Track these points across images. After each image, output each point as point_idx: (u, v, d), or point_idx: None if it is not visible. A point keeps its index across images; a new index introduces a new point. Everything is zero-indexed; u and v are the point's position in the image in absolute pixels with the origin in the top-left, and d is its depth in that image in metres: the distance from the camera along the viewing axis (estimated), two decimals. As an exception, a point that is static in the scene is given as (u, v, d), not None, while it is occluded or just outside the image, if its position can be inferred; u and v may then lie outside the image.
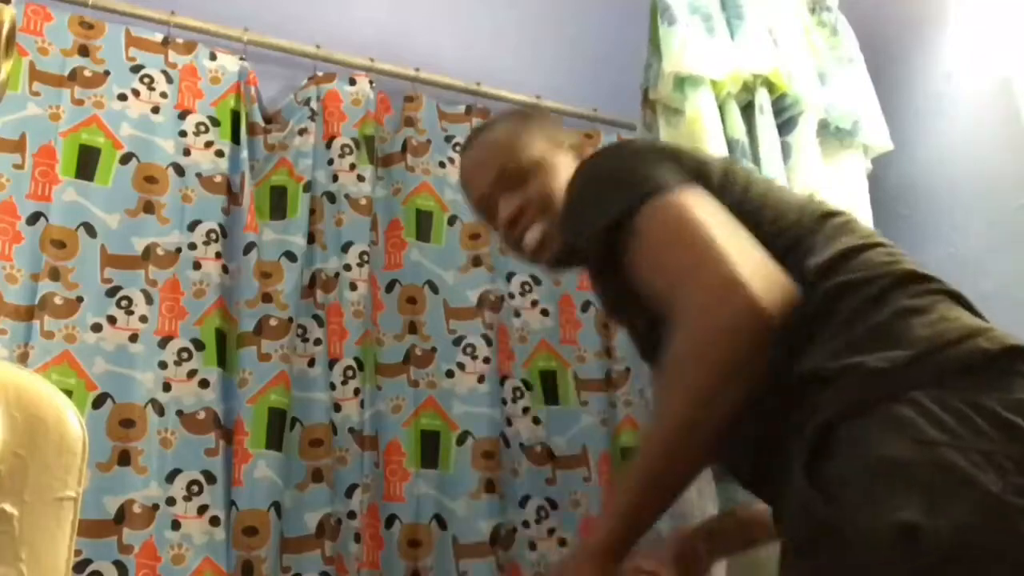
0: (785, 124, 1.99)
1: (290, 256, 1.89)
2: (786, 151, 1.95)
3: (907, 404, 0.86)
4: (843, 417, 0.89)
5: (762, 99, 1.96)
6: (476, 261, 2.06)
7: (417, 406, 1.91)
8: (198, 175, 1.88)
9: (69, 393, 1.58)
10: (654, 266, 1.00)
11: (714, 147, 1.85)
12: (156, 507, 1.60)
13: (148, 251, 1.78)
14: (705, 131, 1.86)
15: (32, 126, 1.77)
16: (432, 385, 1.93)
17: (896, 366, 0.90)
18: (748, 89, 1.97)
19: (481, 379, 1.95)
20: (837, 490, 0.86)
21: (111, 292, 1.72)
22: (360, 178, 2.01)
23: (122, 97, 1.86)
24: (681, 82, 1.92)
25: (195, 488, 1.64)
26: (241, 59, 2.01)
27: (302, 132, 1.99)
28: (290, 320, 1.83)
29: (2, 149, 1.73)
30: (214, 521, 1.63)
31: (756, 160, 1.92)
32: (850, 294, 0.97)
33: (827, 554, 0.85)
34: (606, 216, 1.04)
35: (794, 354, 0.95)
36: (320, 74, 2.07)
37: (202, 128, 1.92)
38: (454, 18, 2.37)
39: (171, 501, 1.62)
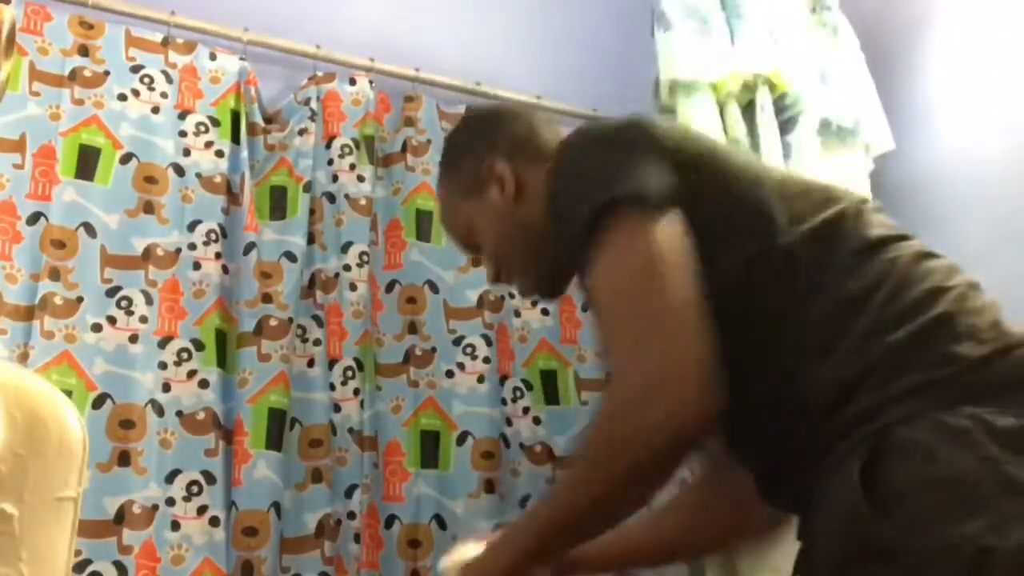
0: (786, 124, 1.99)
1: (290, 256, 1.89)
2: (786, 150, 1.96)
3: (964, 416, 0.83)
4: (897, 425, 0.85)
5: (763, 98, 1.96)
6: (476, 261, 2.06)
7: (417, 406, 1.90)
8: (198, 175, 1.87)
9: (69, 393, 1.57)
10: (607, 314, 0.95)
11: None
12: (156, 507, 1.60)
13: (148, 251, 1.77)
14: None
15: (32, 126, 1.76)
16: (432, 385, 1.93)
17: (947, 376, 0.87)
18: (749, 88, 1.97)
19: (481, 379, 1.95)
20: (894, 505, 0.82)
21: (111, 292, 1.72)
22: (360, 178, 2.01)
23: (122, 97, 1.86)
24: (677, 89, 1.93)
25: (195, 488, 1.64)
26: (241, 59, 2.01)
27: (302, 132, 1.98)
28: (290, 320, 1.83)
29: (2, 149, 1.73)
30: (214, 521, 1.63)
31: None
32: (889, 295, 0.93)
33: (879, 571, 0.82)
34: (583, 215, 0.96)
35: (829, 353, 0.92)
36: (320, 74, 2.07)
37: (202, 128, 1.92)
38: (454, 18, 2.37)
39: (171, 502, 1.62)
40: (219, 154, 1.91)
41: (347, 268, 1.92)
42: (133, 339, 1.70)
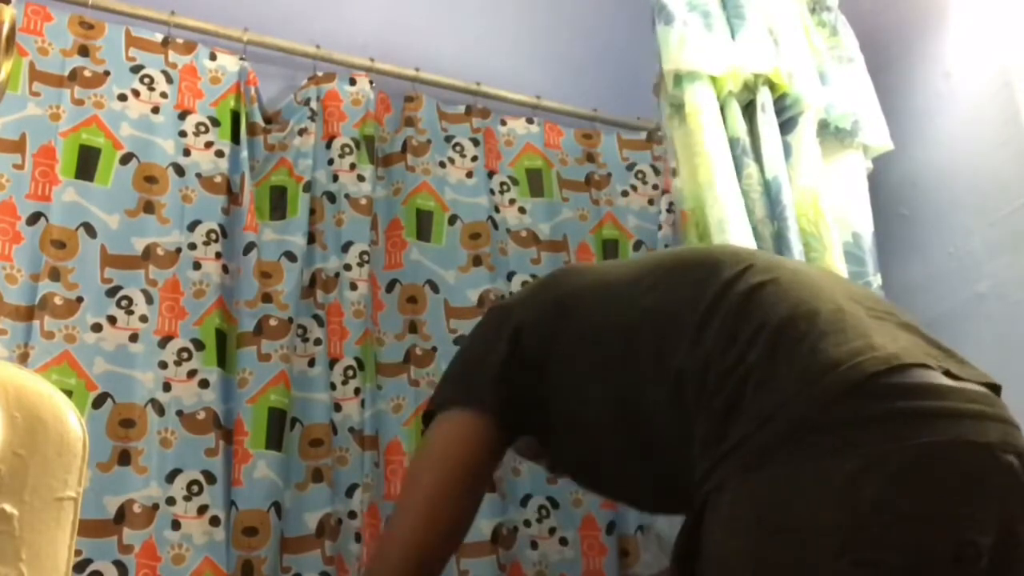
0: (785, 124, 1.99)
1: (290, 256, 1.89)
2: (786, 151, 1.95)
3: (757, 482, 0.93)
4: (712, 492, 0.97)
5: (764, 98, 1.96)
6: (476, 261, 2.06)
7: (418, 405, 1.90)
8: (198, 175, 1.88)
9: (69, 393, 1.57)
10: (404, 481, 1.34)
11: (713, 142, 1.85)
12: (156, 507, 1.60)
13: (148, 251, 1.78)
14: (702, 127, 1.86)
15: (32, 126, 1.76)
16: (433, 385, 1.93)
17: (749, 436, 0.95)
18: (749, 88, 1.97)
19: (481, 379, 1.95)
20: None
21: (111, 292, 1.72)
22: (360, 178, 2.01)
23: (122, 97, 1.86)
24: (681, 79, 1.92)
25: (195, 488, 1.64)
26: (241, 59, 2.01)
27: (302, 132, 1.99)
28: (290, 320, 1.83)
29: (2, 149, 1.73)
30: (214, 521, 1.63)
31: (758, 159, 1.92)
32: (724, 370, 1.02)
33: None
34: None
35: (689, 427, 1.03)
36: (320, 74, 2.07)
37: (202, 128, 1.92)
38: (454, 18, 2.37)
39: (171, 501, 1.62)
40: (219, 154, 1.91)
41: (347, 268, 1.92)
42: (133, 339, 1.70)
